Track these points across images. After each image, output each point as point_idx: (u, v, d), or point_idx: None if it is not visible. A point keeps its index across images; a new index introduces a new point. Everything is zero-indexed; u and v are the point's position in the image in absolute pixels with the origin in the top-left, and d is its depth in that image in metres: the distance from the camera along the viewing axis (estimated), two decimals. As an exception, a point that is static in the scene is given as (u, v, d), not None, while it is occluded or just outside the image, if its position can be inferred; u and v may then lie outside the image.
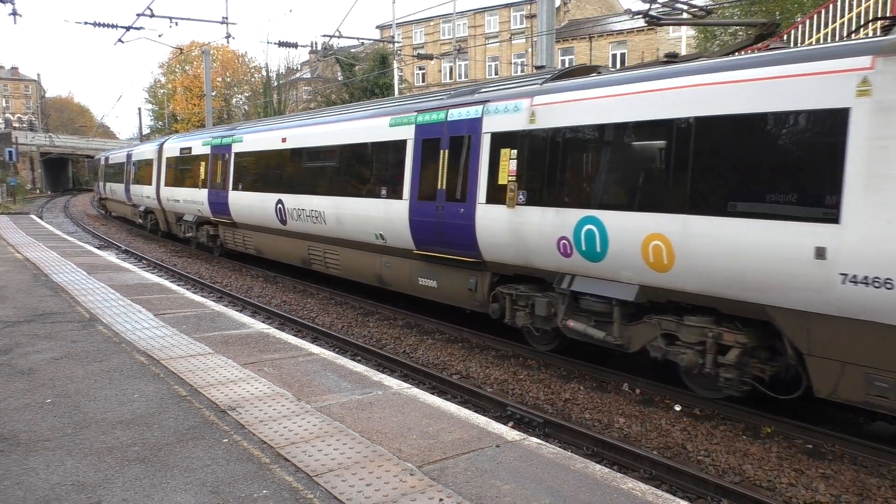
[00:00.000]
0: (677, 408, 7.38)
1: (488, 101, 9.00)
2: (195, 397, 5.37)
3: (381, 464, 4.14)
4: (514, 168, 8.45)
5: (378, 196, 11.01)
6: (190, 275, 16.78)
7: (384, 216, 10.82)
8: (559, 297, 8.21)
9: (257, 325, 8.32)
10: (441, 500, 3.67)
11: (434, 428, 4.80)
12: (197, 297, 10.28)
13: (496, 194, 8.70)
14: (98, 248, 20.56)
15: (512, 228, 8.45)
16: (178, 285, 13.48)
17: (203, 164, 18.43)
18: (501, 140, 8.68)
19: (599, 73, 8.68)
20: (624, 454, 6.27)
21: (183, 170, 20.28)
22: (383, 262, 11.39)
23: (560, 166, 8.00)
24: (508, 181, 8.50)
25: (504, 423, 6.32)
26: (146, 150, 25.08)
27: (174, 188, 20.94)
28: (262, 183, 15.20)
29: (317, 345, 8.53)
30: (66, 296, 9.77)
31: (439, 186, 9.67)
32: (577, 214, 7.68)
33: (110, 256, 16.09)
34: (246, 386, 5.68)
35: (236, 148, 16.61)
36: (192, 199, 19.20)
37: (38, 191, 61.82)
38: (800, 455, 6.20)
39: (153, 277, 12.32)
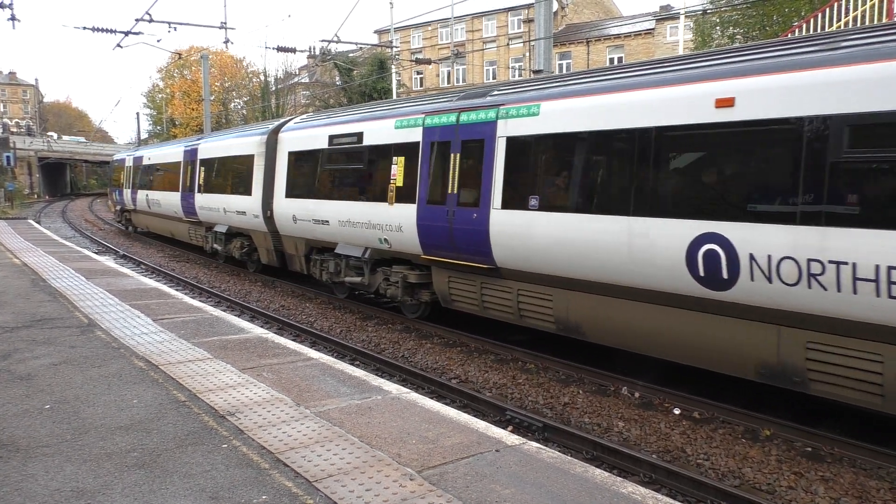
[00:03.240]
0: (677, 411, 7.38)
1: None
2: (194, 402, 5.36)
3: (380, 469, 4.14)
4: None
5: None
6: (188, 279, 16.77)
7: None
8: None
9: (256, 330, 8.31)
10: (441, 504, 3.67)
11: (433, 432, 4.80)
12: (195, 302, 10.26)
13: None
14: (96, 253, 20.55)
15: None
16: (177, 290, 13.46)
17: (400, 160, 11.13)
18: None
19: None
20: (623, 458, 6.27)
21: (337, 172, 12.91)
22: None
23: None
24: None
25: (503, 428, 6.32)
26: (235, 144, 17.11)
27: (314, 201, 13.34)
28: (618, 199, 7.62)
29: (315, 349, 8.53)
30: (64, 301, 9.76)
31: None
32: None
33: (108, 261, 16.07)
34: (245, 391, 5.68)
35: (511, 128, 9.00)
36: (368, 220, 11.74)
37: (35, 195, 61.79)
38: (799, 458, 6.21)
39: (151, 282, 12.31)
